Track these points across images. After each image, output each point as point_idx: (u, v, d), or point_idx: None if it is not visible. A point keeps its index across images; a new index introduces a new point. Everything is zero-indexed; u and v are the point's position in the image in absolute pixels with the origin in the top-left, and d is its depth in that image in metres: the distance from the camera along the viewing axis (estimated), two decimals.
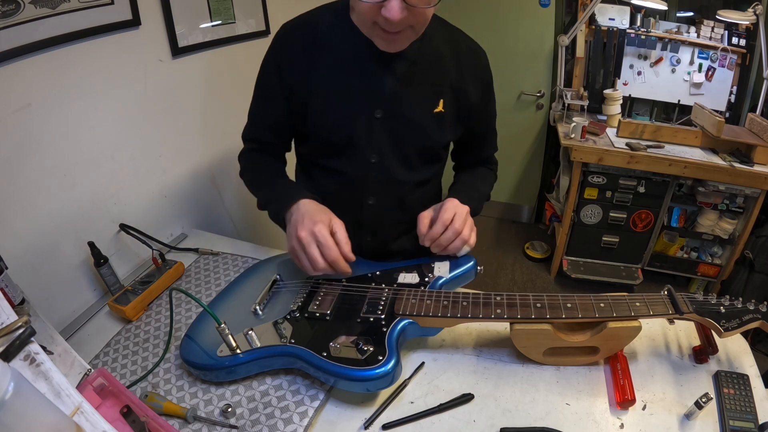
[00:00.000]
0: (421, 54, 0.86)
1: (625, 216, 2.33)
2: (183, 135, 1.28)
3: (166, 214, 1.25)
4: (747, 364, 0.79)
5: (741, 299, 0.75)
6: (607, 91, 2.44)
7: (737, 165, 2.01)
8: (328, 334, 0.77)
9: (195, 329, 0.83)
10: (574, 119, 2.27)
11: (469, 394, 0.75)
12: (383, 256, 1.01)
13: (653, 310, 0.73)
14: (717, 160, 2.07)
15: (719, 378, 0.75)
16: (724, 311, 0.73)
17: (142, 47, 1.10)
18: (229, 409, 0.72)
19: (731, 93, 2.43)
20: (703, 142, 2.17)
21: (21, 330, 0.51)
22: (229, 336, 0.76)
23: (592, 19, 2.47)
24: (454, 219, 0.85)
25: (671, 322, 0.87)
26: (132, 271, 1.14)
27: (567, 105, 2.45)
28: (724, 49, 2.35)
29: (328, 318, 0.80)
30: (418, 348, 0.85)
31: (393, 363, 0.70)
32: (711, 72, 2.41)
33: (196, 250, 1.16)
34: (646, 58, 2.48)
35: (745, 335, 0.80)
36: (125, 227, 1.08)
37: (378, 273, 0.90)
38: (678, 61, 2.44)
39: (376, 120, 0.88)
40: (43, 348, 0.53)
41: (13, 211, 0.88)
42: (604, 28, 2.47)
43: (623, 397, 0.71)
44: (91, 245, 0.97)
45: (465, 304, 0.77)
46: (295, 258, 0.82)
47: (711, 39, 2.36)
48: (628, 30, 2.44)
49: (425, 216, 0.89)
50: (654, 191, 2.25)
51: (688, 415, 0.70)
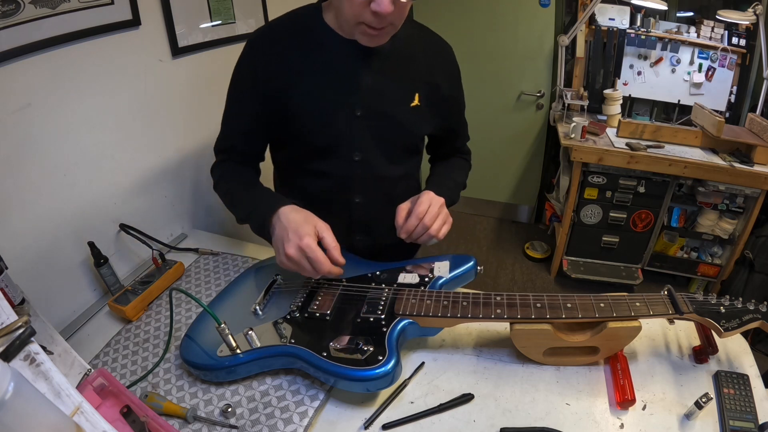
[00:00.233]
0: (394, 51, 0.89)
1: (625, 216, 2.33)
2: (183, 135, 1.28)
3: (166, 214, 1.25)
4: (747, 364, 0.79)
5: (741, 299, 0.75)
6: (607, 91, 2.44)
7: (737, 165, 2.01)
8: (328, 334, 0.77)
9: (195, 329, 0.83)
10: (574, 119, 2.27)
11: (469, 394, 0.75)
12: (376, 253, 1.01)
13: (653, 310, 0.73)
14: (717, 160, 2.07)
15: (719, 378, 0.75)
16: (724, 311, 0.73)
17: (142, 47, 1.10)
18: (229, 409, 0.72)
19: (731, 93, 2.43)
20: (703, 142, 2.17)
21: (21, 330, 0.51)
22: (229, 336, 0.76)
23: (592, 19, 2.47)
24: (427, 212, 0.86)
25: (671, 322, 0.87)
26: (132, 271, 1.14)
27: (567, 105, 2.45)
28: (724, 49, 2.35)
29: (328, 318, 0.80)
30: (418, 348, 0.85)
31: (393, 363, 0.70)
32: (711, 72, 2.41)
33: (196, 250, 1.16)
34: (646, 58, 2.48)
35: (745, 335, 0.80)
36: (125, 227, 1.08)
37: (378, 273, 0.90)
38: (678, 61, 2.44)
39: (356, 118, 0.90)
40: (43, 348, 0.53)
41: (13, 211, 0.88)
42: (604, 28, 2.47)
43: (623, 397, 0.71)
44: (91, 245, 0.97)
45: (465, 304, 0.77)
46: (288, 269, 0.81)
47: (711, 39, 2.36)
48: (628, 30, 2.44)
49: (402, 208, 0.89)
50: (654, 191, 2.25)
51: (688, 415, 0.70)
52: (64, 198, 0.97)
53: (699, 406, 0.68)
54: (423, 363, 0.82)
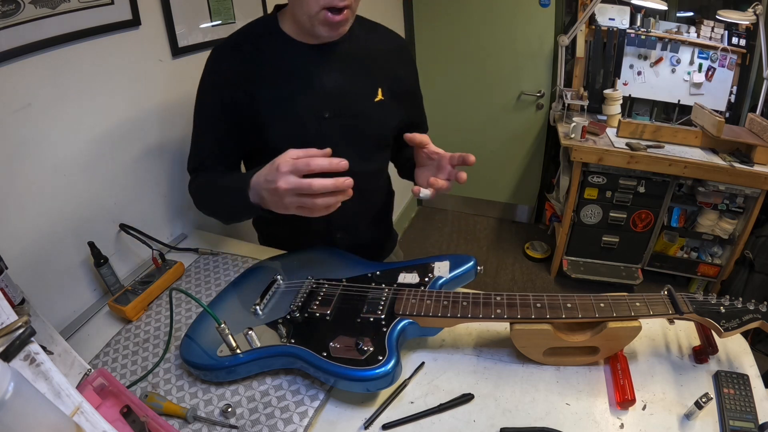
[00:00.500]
0: (353, 49, 0.92)
1: (625, 216, 2.34)
2: (183, 135, 1.28)
3: (166, 214, 1.25)
4: (747, 364, 0.79)
5: (741, 299, 0.75)
6: (607, 91, 2.45)
7: (737, 165, 2.01)
8: (328, 334, 0.77)
9: (195, 329, 0.83)
10: (574, 119, 2.27)
11: (469, 394, 0.75)
12: (358, 249, 1.01)
13: (653, 310, 0.73)
14: (717, 160, 2.07)
15: (719, 378, 0.75)
16: (724, 311, 0.73)
17: (142, 47, 1.10)
18: (229, 409, 0.72)
19: (731, 93, 2.43)
20: (703, 142, 2.17)
21: (21, 330, 0.51)
22: (229, 336, 0.76)
23: (592, 19, 2.47)
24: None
25: (671, 322, 0.87)
26: (132, 271, 1.14)
27: (567, 105, 2.45)
28: (724, 49, 2.35)
29: (328, 318, 0.80)
30: (418, 348, 0.85)
31: (393, 363, 0.70)
32: (711, 72, 2.41)
33: (196, 250, 1.16)
34: (646, 58, 2.48)
35: (745, 335, 0.80)
36: (125, 227, 1.08)
37: (378, 273, 0.90)
38: (678, 61, 2.44)
39: (325, 120, 0.91)
40: (43, 348, 0.53)
41: (13, 211, 0.88)
42: (604, 28, 2.47)
43: (623, 397, 0.71)
44: (91, 245, 0.97)
45: (465, 304, 0.77)
46: (302, 209, 0.76)
47: (711, 39, 2.36)
48: (628, 30, 2.44)
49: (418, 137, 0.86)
50: (654, 191, 2.25)
51: (688, 415, 0.70)
52: (64, 198, 0.97)
53: (699, 406, 0.68)
54: (423, 363, 0.82)
